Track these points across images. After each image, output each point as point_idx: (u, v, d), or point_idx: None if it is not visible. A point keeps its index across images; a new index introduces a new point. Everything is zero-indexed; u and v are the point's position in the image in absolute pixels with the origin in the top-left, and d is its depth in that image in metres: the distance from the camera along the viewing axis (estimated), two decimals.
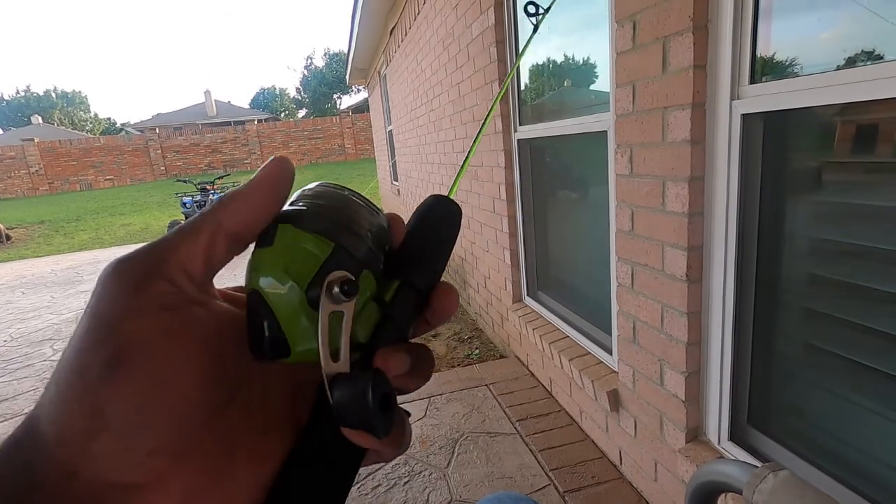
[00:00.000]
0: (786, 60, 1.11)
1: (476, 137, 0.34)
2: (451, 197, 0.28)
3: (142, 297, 0.19)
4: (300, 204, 0.22)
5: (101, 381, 0.18)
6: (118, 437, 0.18)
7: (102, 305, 0.19)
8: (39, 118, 41.48)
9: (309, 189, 0.23)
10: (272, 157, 0.23)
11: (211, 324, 0.21)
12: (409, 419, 0.25)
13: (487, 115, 0.34)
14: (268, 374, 0.23)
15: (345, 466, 0.22)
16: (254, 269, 0.21)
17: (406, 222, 0.26)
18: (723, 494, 0.48)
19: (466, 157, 0.37)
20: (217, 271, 0.22)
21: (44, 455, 0.18)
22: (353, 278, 0.20)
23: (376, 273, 0.22)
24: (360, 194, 0.24)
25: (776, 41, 1.12)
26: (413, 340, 0.24)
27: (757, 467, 0.42)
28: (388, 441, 0.22)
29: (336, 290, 0.20)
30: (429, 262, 0.25)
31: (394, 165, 7.49)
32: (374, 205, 0.24)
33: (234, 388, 0.21)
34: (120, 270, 0.19)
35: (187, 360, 0.19)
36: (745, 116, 1.15)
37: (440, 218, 0.26)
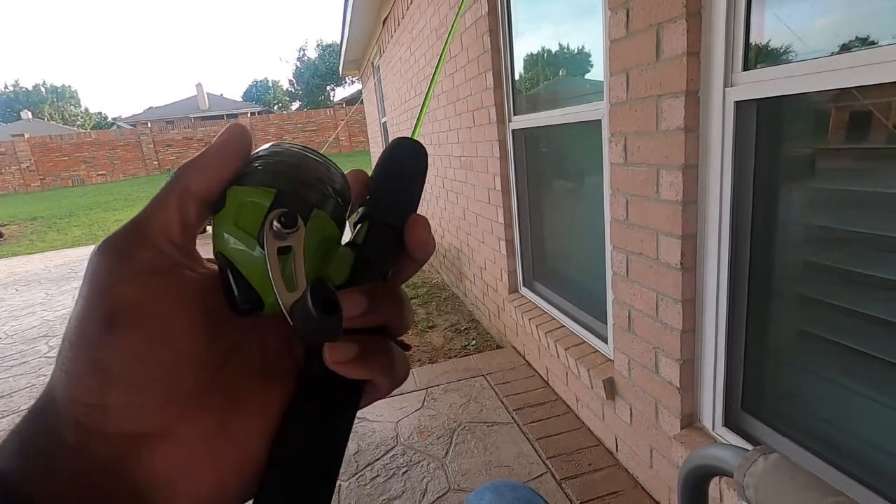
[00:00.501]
0: (779, 47, 1.11)
1: (432, 80, 0.33)
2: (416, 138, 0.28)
3: (130, 264, 0.20)
4: (250, 166, 0.23)
5: (100, 338, 0.19)
6: (128, 391, 0.19)
7: (95, 279, 0.20)
8: (29, 113, 41.03)
9: (261, 150, 0.24)
10: (229, 124, 0.23)
11: (200, 284, 0.22)
12: (409, 356, 0.26)
13: (435, 72, 0.33)
14: (263, 327, 0.24)
15: (339, 399, 0.23)
16: (215, 235, 0.22)
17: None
18: (715, 478, 0.49)
19: (426, 98, 0.37)
20: (195, 234, 0.23)
21: (64, 418, 0.19)
22: (289, 211, 0.21)
23: (334, 214, 0.23)
24: (317, 152, 0.24)
25: (769, 28, 1.11)
26: (405, 339, 0.25)
27: (748, 451, 0.43)
28: (377, 370, 0.23)
29: (276, 225, 0.20)
30: (394, 198, 0.26)
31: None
32: (330, 160, 0.25)
33: (233, 344, 0.23)
34: (105, 248, 0.20)
35: (180, 317, 0.20)
36: (738, 104, 1.15)
37: (401, 156, 0.26)
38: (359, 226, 0.25)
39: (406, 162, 0.26)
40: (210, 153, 0.22)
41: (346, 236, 0.25)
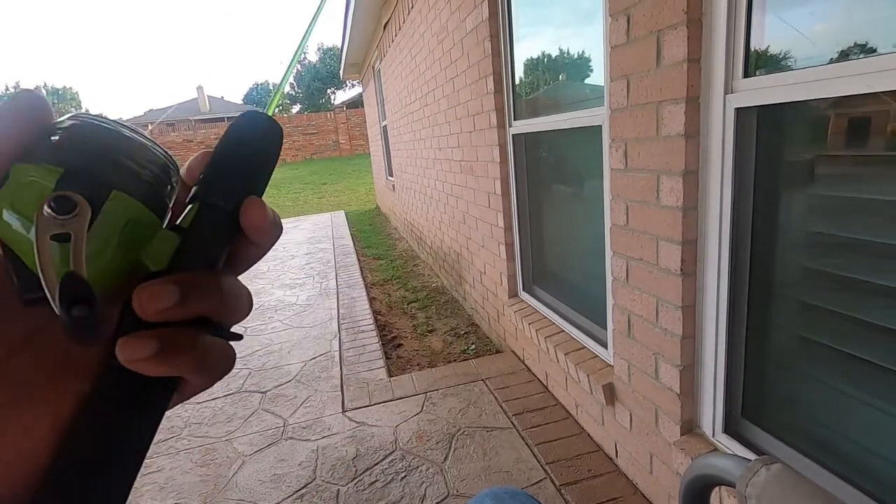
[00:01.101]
0: (779, 54, 1.11)
1: (294, 56, 0.32)
2: (270, 114, 0.25)
3: None
4: (43, 139, 0.21)
5: None
6: None
7: None
8: None
9: (60, 121, 0.21)
10: (18, 91, 0.21)
11: None
12: (239, 343, 0.24)
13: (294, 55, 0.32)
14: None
15: (140, 397, 0.21)
16: None
17: None
18: (717, 488, 0.49)
19: (286, 73, 0.33)
20: None
21: None
22: (65, 195, 0.19)
23: (144, 194, 0.21)
24: (131, 127, 0.22)
25: (770, 35, 1.11)
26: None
27: (750, 461, 0.42)
28: (184, 367, 0.21)
29: (47, 210, 0.18)
30: (230, 177, 0.23)
31: (388, 158, 7.47)
32: (148, 137, 0.23)
33: (26, 332, 0.21)
34: None
35: None
36: (738, 110, 1.15)
37: (244, 131, 0.24)
38: (188, 208, 0.23)
39: (249, 138, 0.24)
40: None
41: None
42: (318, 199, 13.09)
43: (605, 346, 1.91)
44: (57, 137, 0.20)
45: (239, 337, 0.24)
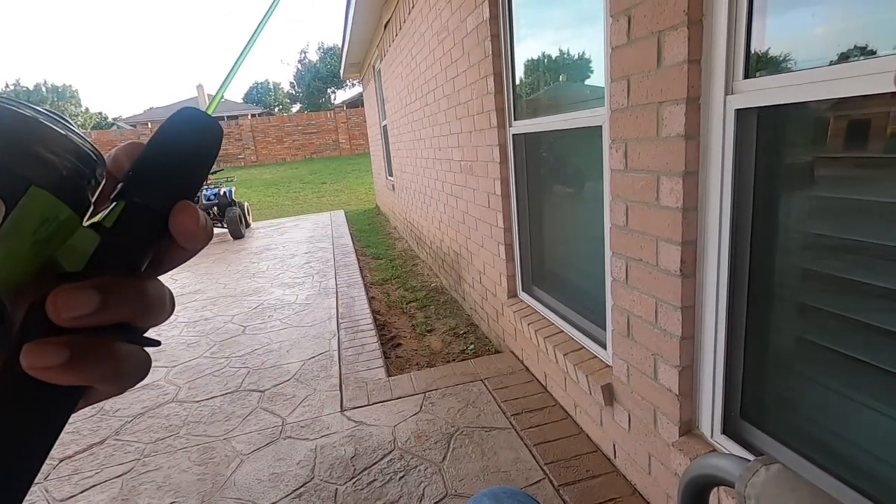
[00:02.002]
0: (780, 56, 1.11)
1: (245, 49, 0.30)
2: (210, 112, 0.24)
3: None
4: None
5: None
6: None
7: None
8: None
9: None
10: None
11: None
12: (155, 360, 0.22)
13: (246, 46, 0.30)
14: None
15: (42, 404, 0.19)
16: None
17: None
18: (715, 488, 0.49)
19: (234, 66, 0.31)
20: None
21: None
22: None
23: (65, 190, 0.19)
24: (54, 113, 0.21)
25: (770, 36, 1.12)
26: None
27: (749, 461, 0.42)
28: (94, 377, 0.19)
29: None
30: (160, 177, 0.21)
31: (388, 157, 7.47)
32: (72, 124, 0.21)
33: None
34: None
35: None
36: (739, 111, 1.16)
37: (180, 128, 0.22)
38: (112, 205, 0.21)
39: (185, 136, 0.22)
40: None
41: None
42: (318, 199, 13.09)
43: (604, 346, 1.91)
44: None
45: (156, 343, 0.23)
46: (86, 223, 0.21)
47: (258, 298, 4.49)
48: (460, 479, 1.87)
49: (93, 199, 0.21)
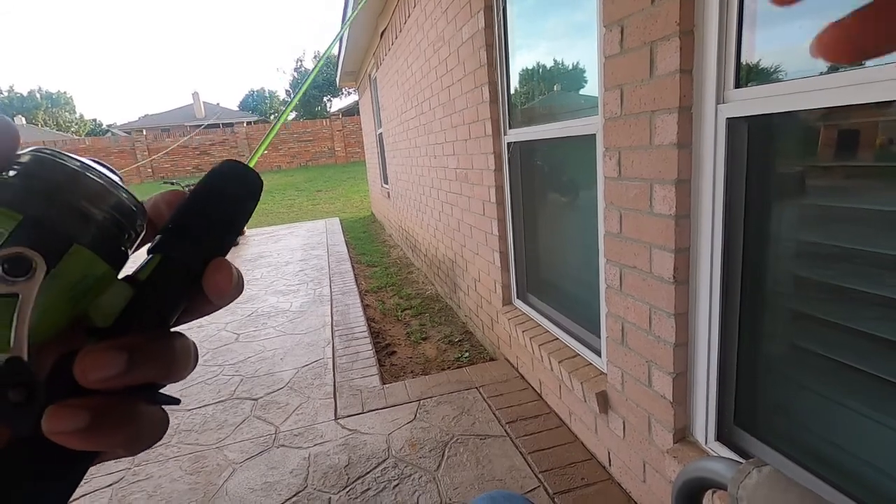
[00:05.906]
0: (770, 66, 1.13)
1: (283, 114, 0.31)
2: (252, 165, 0.24)
3: None
4: (2, 175, 0.19)
5: None
6: None
7: None
8: (23, 119, 40.87)
9: (22, 154, 0.19)
10: None
11: None
12: (172, 414, 0.22)
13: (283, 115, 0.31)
14: None
15: (57, 466, 0.19)
16: None
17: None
18: (709, 491, 0.49)
19: (275, 125, 0.31)
20: None
21: None
22: (21, 254, 0.17)
23: (104, 247, 0.19)
24: (99, 162, 0.21)
25: (760, 47, 1.13)
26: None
27: (741, 463, 0.43)
28: (113, 443, 0.19)
29: None
30: (199, 232, 0.21)
31: (383, 165, 7.48)
32: (116, 174, 0.21)
33: None
34: None
35: None
36: (730, 120, 1.17)
37: (221, 183, 0.22)
38: (148, 258, 0.21)
39: (226, 193, 0.22)
40: None
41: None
42: (313, 206, 13.07)
43: (598, 353, 1.91)
44: (15, 174, 0.18)
45: (176, 401, 0.22)
46: (121, 275, 0.21)
47: (252, 306, 4.47)
48: (455, 487, 1.85)
49: (131, 253, 0.21)
